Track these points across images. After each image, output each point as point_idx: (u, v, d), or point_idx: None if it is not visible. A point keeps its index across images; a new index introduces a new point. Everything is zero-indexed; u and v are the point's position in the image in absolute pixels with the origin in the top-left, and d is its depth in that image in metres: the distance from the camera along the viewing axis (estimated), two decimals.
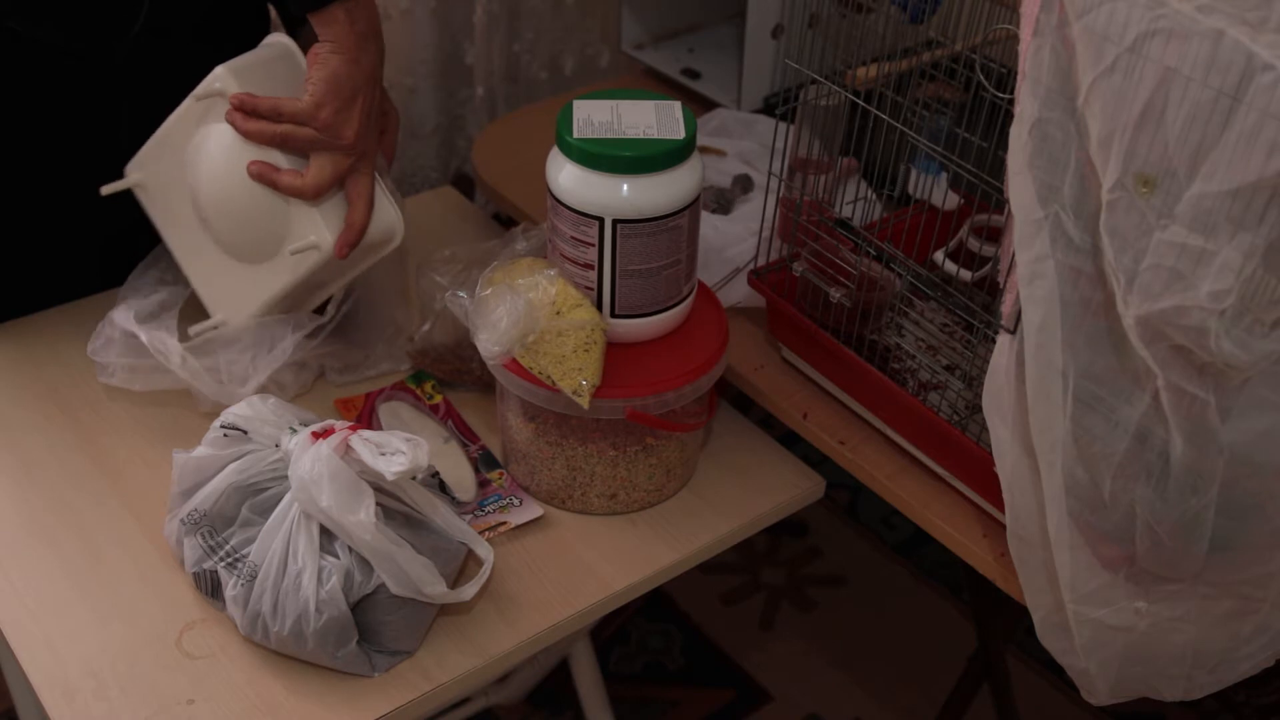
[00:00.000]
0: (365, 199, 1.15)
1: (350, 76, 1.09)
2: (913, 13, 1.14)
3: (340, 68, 1.09)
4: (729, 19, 1.76)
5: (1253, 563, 0.93)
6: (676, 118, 1.08)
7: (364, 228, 1.16)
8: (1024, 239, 0.86)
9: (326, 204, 1.15)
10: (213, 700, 0.99)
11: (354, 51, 1.08)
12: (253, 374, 1.18)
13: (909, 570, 2.07)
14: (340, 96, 1.09)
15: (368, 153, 1.15)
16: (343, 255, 1.15)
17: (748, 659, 1.92)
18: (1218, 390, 0.82)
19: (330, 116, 1.10)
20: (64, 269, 1.31)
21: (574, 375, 1.05)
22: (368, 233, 1.17)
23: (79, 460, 1.17)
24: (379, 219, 1.18)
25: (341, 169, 1.13)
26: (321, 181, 1.12)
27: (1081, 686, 1.03)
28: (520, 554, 1.11)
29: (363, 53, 1.09)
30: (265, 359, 1.19)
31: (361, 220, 1.15)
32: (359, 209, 1.15)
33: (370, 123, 1.13)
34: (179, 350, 1.16)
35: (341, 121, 1.10)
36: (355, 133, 1.11)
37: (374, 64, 1.11)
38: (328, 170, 1.12)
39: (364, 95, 1.11)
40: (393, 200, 1.19)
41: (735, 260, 1.29)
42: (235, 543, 1.01)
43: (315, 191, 1.12)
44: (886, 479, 1.15)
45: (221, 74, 1.13)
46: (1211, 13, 0.72)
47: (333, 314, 1.22)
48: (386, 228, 1.19)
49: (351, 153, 1.13)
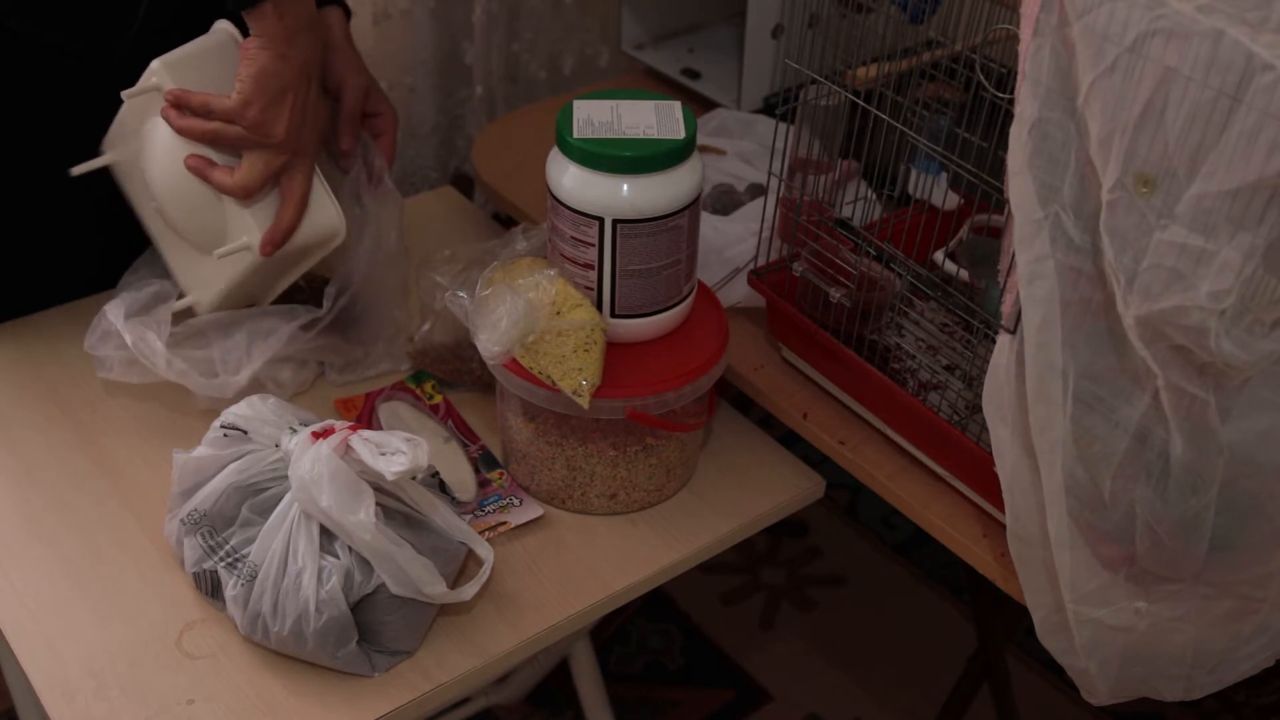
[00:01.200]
0: (296, 198, 1.14)
1: (278, 73, 1.07)
2: (913, 13, 1.14)
3: (269, 64, 1.07)
4: (729, 19, 1.76)
5: (1253, 563, 0.93)
6: (676, 118, 1.08)
7: (291, 227, 1.14)
8: (1024, 239, 0.86)
9: (261, 203, 1.14)
10: (213, 700, 0.99)
11: (282, 47, 1.07)
12: (246, 363, 1.18)
13: (909, 570, 2.07)
14: (268, 94, 1.08)
15: (304, 150, 1.13)
16: (267, 254, 1.14)
17: (748, 659, 1.92)
18: (1218, 390, 0.82)
19: (258, 114, 1.08)
20: (64, 269, 1.31)
21: (574, 375, 1.05)
22: (304, 232, 1.15)
23: (79, 460, 1.17)
24: (316, 218, 1.16)
25: (273, 167, 1.11)
26: (250, 180, 1.11)
27: (1081, 686, 1.03)
28: (520, 554, 1.11)
29: (292, 47, 1.07)
30: (260, 348, 1.19)
31: (289, 220, 1.14)
32: (288, 208, 1.14)
33: (304, 119, 1.11)
34: (163, 352, 1.16)
35: (270, 119, 1.09)
36: (285, 129, 1.09)
37: (305, 59, 1.09)
38: (258, 169, 1.11)
39: (294, 91, 1.09)
40: (334, 199, 1.18)
41: (735, 260, 1.29)
42: (235, 543, 1.01)
43: (244, 191, 1.11)
44: (886, 479, 1.15)
45: (156, 68, 1.12)
46: (1211, 13, 0.72)
47: (329, 307, 1.22)
48: (326, 227, 1.18)
49: (283, 150, 1.11)
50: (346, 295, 1.22)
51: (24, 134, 1.21)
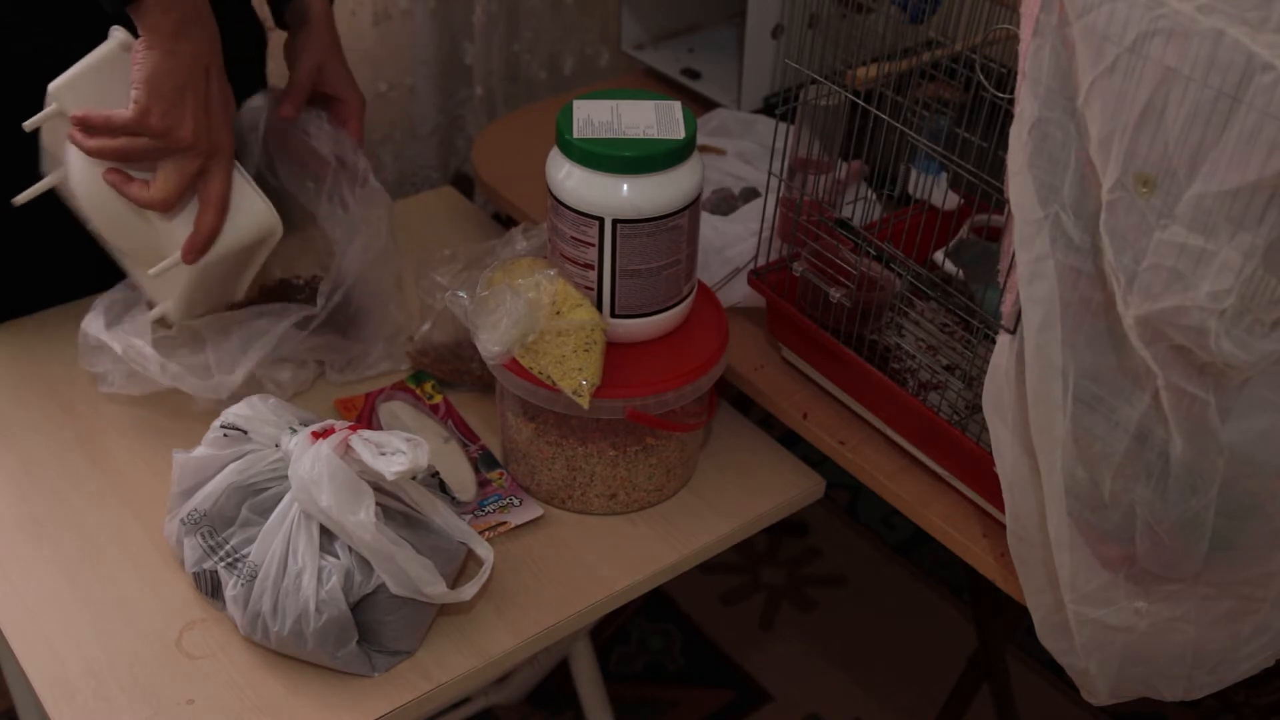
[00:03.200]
0: (213, 201, 1.08)
1: (170, 71, 1.02)
2: (913, 13, 1.14)
3: (158, 64, 1.01)
4: (729, 19, 1.76)
5: (1253, 563, 0.93)
6: (676, 118, 1.08)
7: (211, 232, 1.09)
8: (1024, 239, 0.86)
9: (186, 212, 1.09)
10: (213, 700, 0.99)
11: (169, 43, 1.01)
12: (242, 362, 1.18)
13: (909, 570, 2.07)
14: (164, 96, 1.02)
15: (218, 149, 1.07)
16: (189, 262, 1.10)
17: (748, 659, 1.92)
18: (1218, 390, 0.82)
19: (159, 120, 1.03)
20: (64, 269, 1.31)
21: (574, 375, 1.05)
22: (235, 233, 1.11)
23: (79, 460, 1.17)
24: (244, 218, 1.11)
25: (189, 172, 1.06)
26: (167, 192, 1.06)
27: (1081, 686, 1.03)
28: (520, 554, 1.11)
29: (180, 42, 1.02)
30: (255, 347, 1.18)
31: (208, 225, 1.09)
32: (206, 213, 1.08)
33: (210, 114, 1.05)
34: (156, 358, 1.15)
35: (173, 122, 1.03)
36: (192, 130, 1.04)
37: (198, 52, 1.03)
38: (173, 179, 1.06)
39: (192, 88, 1.03)
40: (261, 195, 1.12)
41: (735, 260, 1.29)
42: (235, 543, 1.01)
43: (163, 204, 1.07)
44: (886, 479, 1.15)
45: (54, 92, 1.07)
46: (1211, 13, 0.72)
47: (323, 304, 1.22)
48: (257, 225, 1.12)
49: (195, 152, 1.06)
50: (340, 293, 1.22)
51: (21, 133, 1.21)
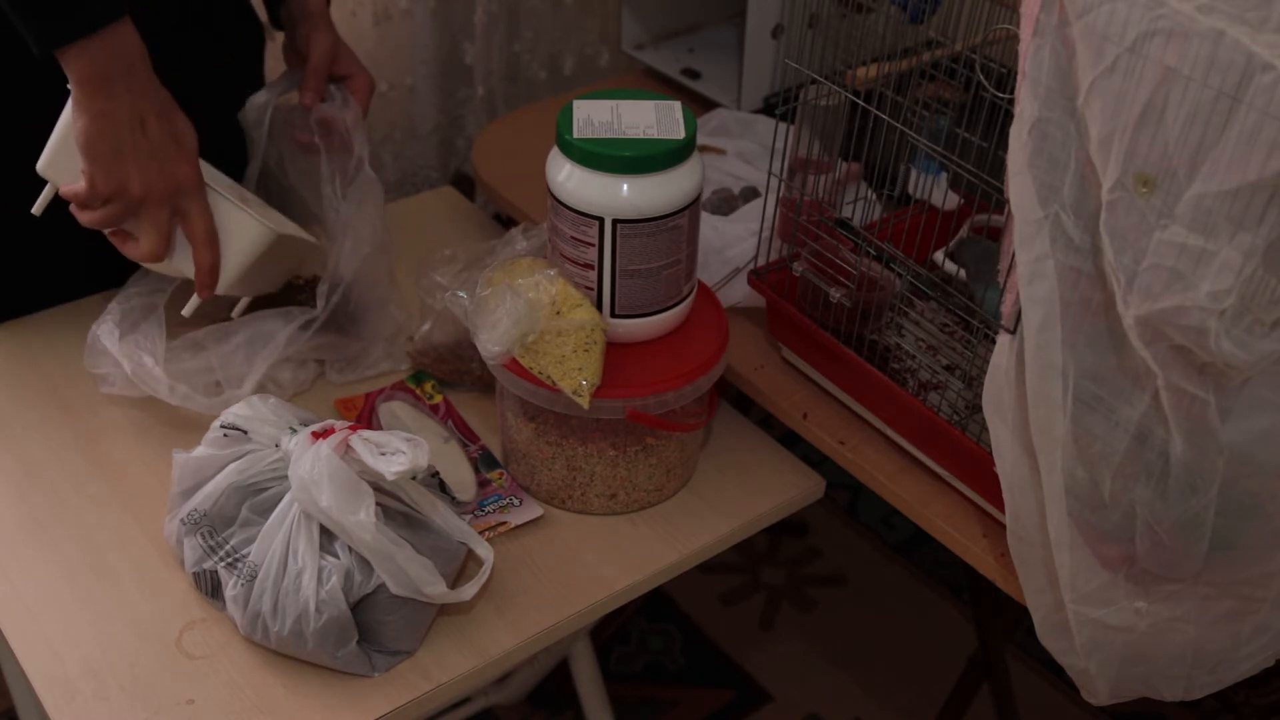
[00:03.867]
0: (200, 238, 1.10)
1: (103, 133, 1.02)
2: (913, 13, 1.14)
3: (88, 128, 1.02)
4: (729, 19, 1.76)
5: (1253, 563, 0.93)
6: (676, 118, 1.08)
7: (211, 265, 1.12)
8: (1024, 239, 0.86)
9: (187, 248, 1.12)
10: (213, 700, 0.99)
11: (99, 102, 1.00)
12: (249, 373, 1.18)
13: (909, 570, 2.07)
14: (100, 159, 1.02)
15: (181, 189, 1.08)
16: (206, 296, 1.13)
17: (748, 659, 1.92)
18: (1218, 390, 0.82)
19: (104, 185, 1.03)
20: (64, 269, 1.31)
21: (574, 375, 1.05)
22: (239, 255, 1.14)
23: (79, 460, 1.17)
24: (238, 238, 1.13)
25: (162, 221, 1.08)
26: (153, 245, 1.09)
27: (1081, 686, 1.03)
28: (520, 554, 1.11)
29: (110, 99, 1.01)
30: (261, 355, 1.19)
31: (206, 260, 1.11)
32: (199, 251, 1.11)
33: (160, 160, 1.05)
34: (164, 378, 1.15)
35: (119, 183, 1.04)
36: (141, 184, 1.04)
37: (129, 103, 1.02)
38: (151, 232, 1.08)
39: (129, 142, 1.03)
40: (244, 209, 1.13)
41: (735, 260, 1.29)
42: (235, 543, 1.01)
43: (153, 256, 1.09)
44: (886, 479, 1.15)
45: (43, 172, 1.10)
46: (1211, 13, 0.72)
47: (323, 305, 1.22)
48: (253, 241, 1.14)
49: (154, 201, 1.06)
50: (339, 292, 1.22)
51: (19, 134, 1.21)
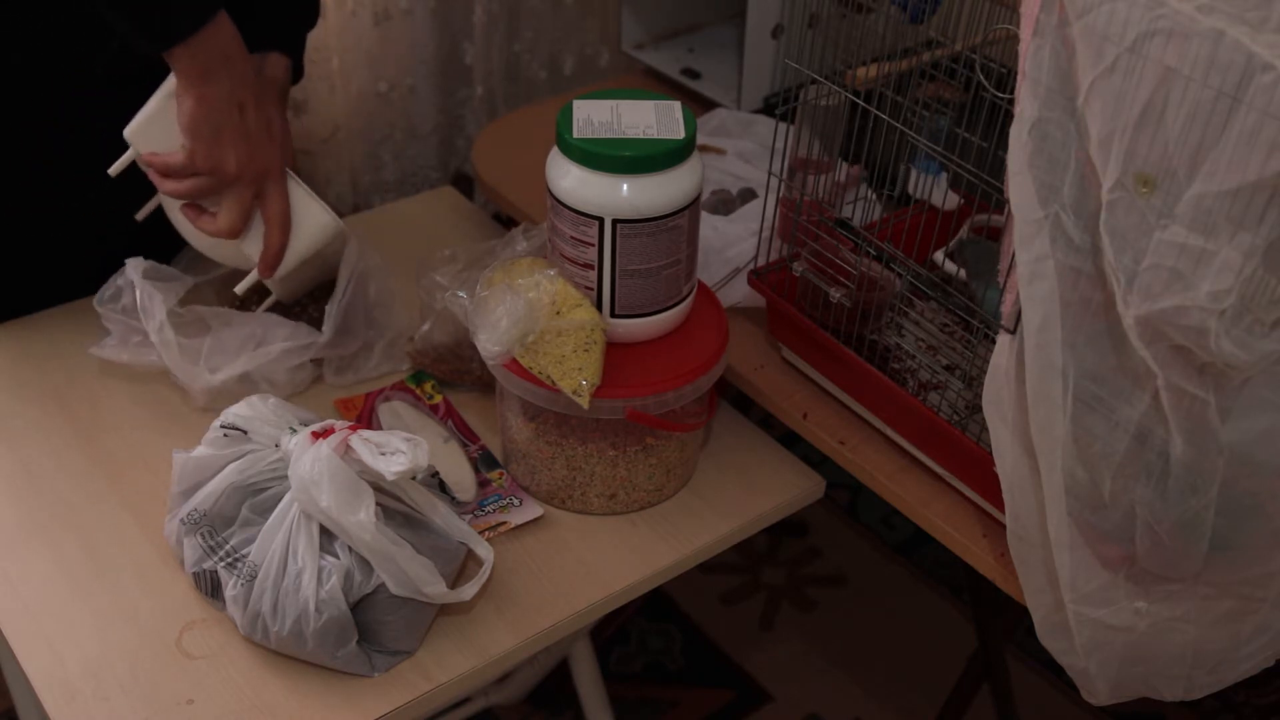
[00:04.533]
0: (275, 220, 1.17)
1: (205, 115, 1.10)
2: (913, 13, 1.14)
3: (193, 109, 1.10)
4: (729, 19, 1.76)
5: (1253, 563, 0.93)
6: (676, 118, 1.08)
7: (279, 247, 1.18)
8: (1024, 239, 0.86)
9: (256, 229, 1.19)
10: (213, 700, 0.99)
11: (200, 87, 1.09)
12: (230, 365, 1.19)
13: (909, 570, 2.07)
14: (202, 137, 1.11)
15: (268, 172, 1.16)
16: (266, 275, 1.19)
17: (748, 659, 1.92)
18: (1218, 390, 0.82)
19: (204, 161, 1.12)
20: (64, 269, 1.31)
21: (574, 375, 1.05)
22: (306, 241, 1.19)
23: (79, 460, 1.17)
24: (309, 226, 1.19)
25: (246, 200, 1.15)
26: (231, 222, 1.16)
27: (1081, 686, 1.03)
28: (520, 554, 1.11)
29: (209, 84, 1.09)
30: (250, 355, 1.20)
31: (275, 241, 1.18)
32: (271, 231, 1.18)
33: (252, 144, 1.13)
34: (161, 316, 1.18)
35: (217, 160, 1.12)
36: (235, 164, 1.12)
37: (229, 89, 1.10)
38: (234, 208, 1.15)
39: (228, 125, 1.11)
40: (320, 202, 1.20)
41: (735, 260, 1.29)
42: (235, 543, 1.01)
43: (230, 232, 1.16)
44: (886, 479, 1.15)
45: (130, 137, 1.15)
46: (1211, 13, 0.72)
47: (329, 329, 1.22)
48: (321, 230, 1.20)
49: (245, 181, 1.14)
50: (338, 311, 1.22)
51: (21, 135, 1.21)
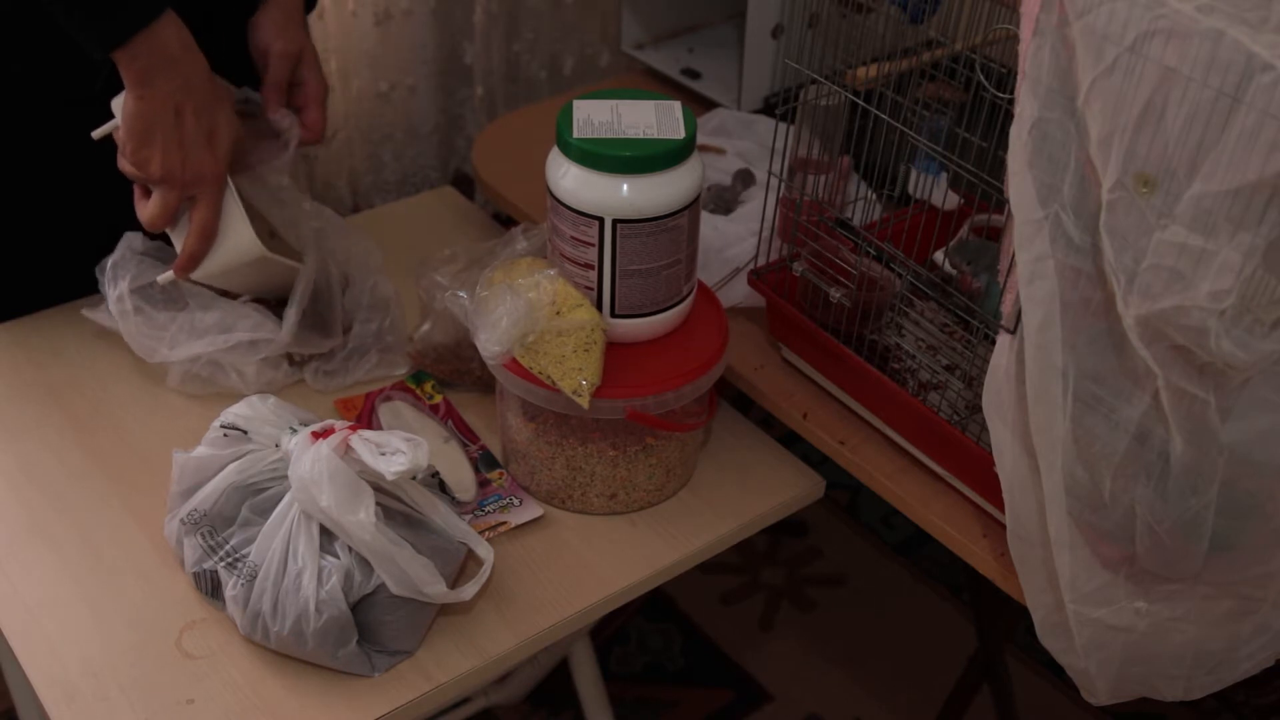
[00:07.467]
0: (198, 227, 1.17)
1: (140, 114, 1.10)
2: (913, 13, 1.14)
3: (130, 106, 1.11)
4: (729, 19, 1.76)
5: (1253, 563, 0.93)
6: (676, 118, 1.08)
7: (195, 254, 1.18)
8: (1024, 239, 0.86)
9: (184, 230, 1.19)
10: (213, 700, 0.99)
11: (139, 88, 1.09)
12: (184, 345, 1.20)
13: (909, 570, 2.07)
14: (136, 135, 1.11)
15: (199, 180, 1.15)
16: (180, 276, 1.19)
17: (748, 659, 1.92)
18: (1218, 390, 0.82)
19: (131, 157, 1.13)
20: (64, 269, 1.31)
21: (574, 375, 1.05)
22: (221, 255, 1.19)
23: (79, 460, 1.17)
24: (229, 242, 1.19)
25: (171, 201, 1.15)
26: (153, 216, 1.16)
27: (1081, 686, 1.03)
28: (520, 554, 1.11)
29: (149, 87, 1.09)
30: (207, 340, 1.21)
31: (193, 247, 1.17)
32: (192, 237, 1.17)
33: (186, 150, 1.13)
34: (125, 286, 1.20)
35: (144, 159, 1.12)
36: (160, 166, 1.12)
37: (167, 94, 1.10)
38: (157, 206, 1.15)
39: (161, 128, 1.11)
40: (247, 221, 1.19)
41: (735, 260, 1.29)
42: (235, 543, 1.01)
43: (150, 224, 1.17)
44: (886, 479, 1.15)
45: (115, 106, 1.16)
46: (1211, 13, 0.72)
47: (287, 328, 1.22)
48: (238, 250, 1.20)
49: (168, 185, 1.14)
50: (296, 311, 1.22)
51: (21, 135, 1.21)
